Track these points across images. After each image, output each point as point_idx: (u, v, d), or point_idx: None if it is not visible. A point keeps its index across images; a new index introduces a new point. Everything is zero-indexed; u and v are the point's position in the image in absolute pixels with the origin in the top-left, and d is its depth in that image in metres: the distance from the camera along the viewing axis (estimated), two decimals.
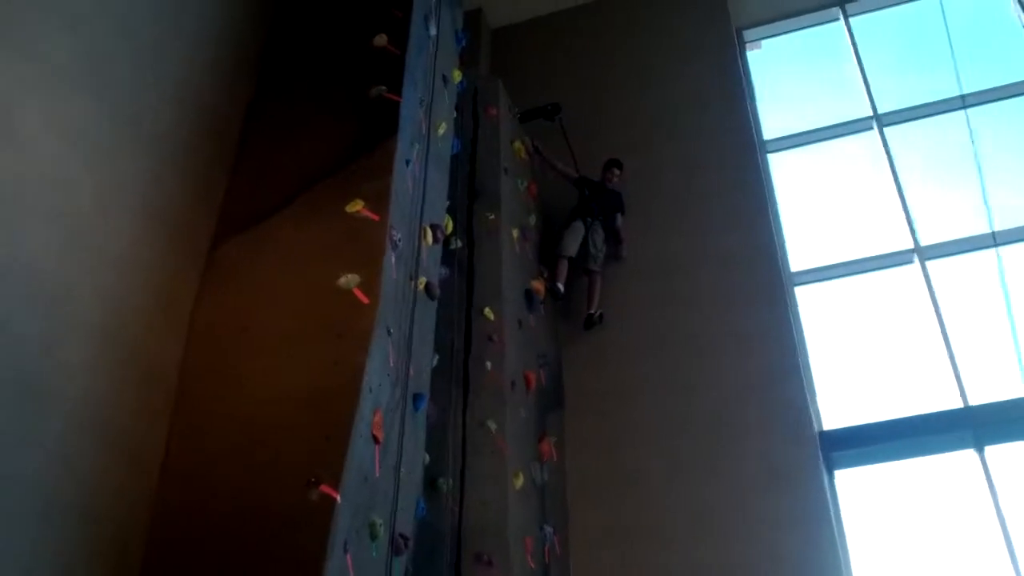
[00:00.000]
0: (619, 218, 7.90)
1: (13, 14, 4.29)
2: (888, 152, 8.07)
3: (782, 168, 8.40)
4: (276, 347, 4.77)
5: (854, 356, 7.17)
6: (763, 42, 9.56)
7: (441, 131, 6.41)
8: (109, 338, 4.43)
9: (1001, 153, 7.85)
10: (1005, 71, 8.25)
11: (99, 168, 4.65)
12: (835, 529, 6.05)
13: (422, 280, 5.49)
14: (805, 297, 7.45)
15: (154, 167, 5.13)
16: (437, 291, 5.69)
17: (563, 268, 7.53)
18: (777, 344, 6.89)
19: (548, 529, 6.02)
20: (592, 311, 7.43)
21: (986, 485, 6.09)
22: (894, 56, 8.97)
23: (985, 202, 7.31)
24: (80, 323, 4.28)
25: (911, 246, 7.40)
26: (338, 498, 4.03)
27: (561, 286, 7.43)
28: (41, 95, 4.37)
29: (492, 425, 5.73)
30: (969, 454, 6.28)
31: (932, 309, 6.98)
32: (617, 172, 8.06)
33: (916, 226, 7.50)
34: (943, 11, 7.92)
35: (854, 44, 8.99)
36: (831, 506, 6.16)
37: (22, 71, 4.28)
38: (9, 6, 4.25)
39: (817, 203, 8.18)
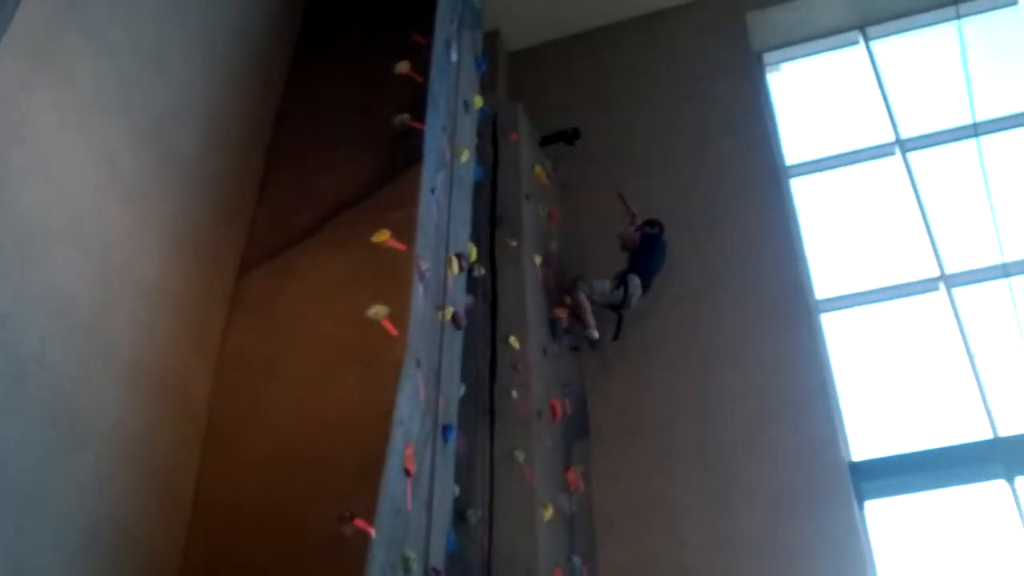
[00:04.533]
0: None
1: (52, 42, 4.28)
2: (912, 177, 8.00)
3: (804, 193, 8.32)
4: (305, 378, 4.73)
5: (881, 384, 7.06)
6: (782, 65, 9.50)
7: (464, 158, 6.38)
8: (141, 368, 4.41)
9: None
10: None
11: (129, 196, 4.62)
12: (866, 560, 5.98)
13: (449, 310, 5.45)
14: (831, 325, 7.37)
15: (182, 194, 5.10)
16: (464, 320, 5.67)
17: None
18: (804, 372, 6.82)
19: (577, 560, 5.95)
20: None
21: (1018, 516, 6.01)
22: (917, 80, 8.89)
23: (996, 231, 7.21)
24: (113, 353, 4.26)
25: (937, 273, 7.33)
26: (372, 532, 4.00)
27: (595, 331, 6.98)
28: (76, 122, 4.36)
29: (520, 455, 5.68)
30: (1000, 485, 6.21)
31: (959, 337, 6.91)
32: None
33: (941, 253, 7.42)
34: (960, 37, 7.79)
35: (875, 67, 8.93)
36: (862, 537, 6.10)
37: (60, 98, 4.27)
38: (48, 35, 4.25)
39: (841, 229, 8.08)
